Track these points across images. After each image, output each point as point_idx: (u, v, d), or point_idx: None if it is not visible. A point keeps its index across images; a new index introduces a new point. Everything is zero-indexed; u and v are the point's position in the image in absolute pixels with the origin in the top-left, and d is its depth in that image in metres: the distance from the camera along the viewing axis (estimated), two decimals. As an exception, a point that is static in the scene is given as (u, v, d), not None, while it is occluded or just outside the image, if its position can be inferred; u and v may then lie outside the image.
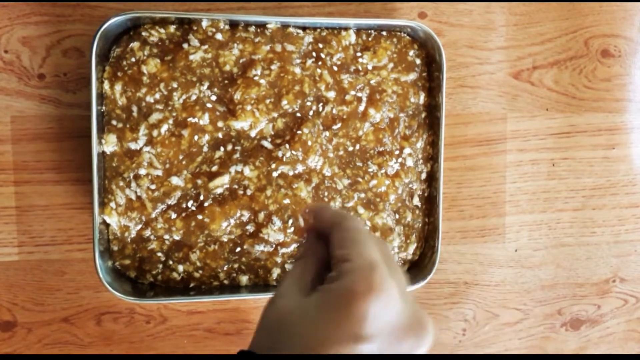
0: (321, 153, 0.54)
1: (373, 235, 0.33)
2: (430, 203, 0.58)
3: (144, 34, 0.52)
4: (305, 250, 0.35)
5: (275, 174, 0.53)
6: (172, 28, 0.52)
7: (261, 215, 0.53)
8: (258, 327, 0.31)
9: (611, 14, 0.63)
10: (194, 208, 0.53)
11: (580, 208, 0.65)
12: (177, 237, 0.53)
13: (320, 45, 0.54)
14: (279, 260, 0.54)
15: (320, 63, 0.54)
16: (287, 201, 0.53)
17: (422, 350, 0.29)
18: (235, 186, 0.53)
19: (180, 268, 0.54)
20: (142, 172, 0.52)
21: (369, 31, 0.56)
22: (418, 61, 0.57)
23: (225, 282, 0.55)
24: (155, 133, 0.51)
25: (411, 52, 0.57)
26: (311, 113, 0.54)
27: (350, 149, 0.56)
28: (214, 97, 0.53)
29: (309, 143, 0.53)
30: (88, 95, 0.49)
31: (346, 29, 0.55)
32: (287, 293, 0.31)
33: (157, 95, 0.52)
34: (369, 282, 0.28)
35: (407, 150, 0.57)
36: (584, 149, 0.64)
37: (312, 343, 0.28)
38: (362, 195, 0.56)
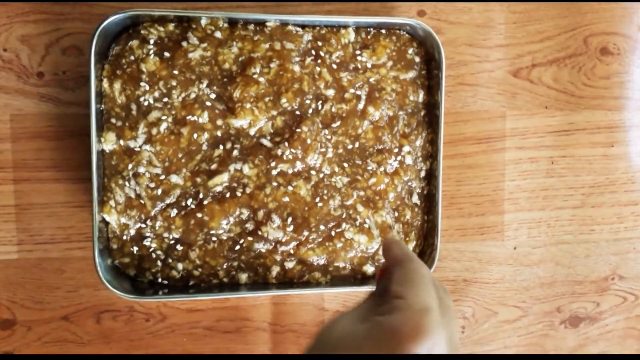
0: (320, 151, 0.54)
1: (434, 280, 0.35)
2: (429, 201, 0.58)
3: (143, 32, 0.51)
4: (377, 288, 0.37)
5: (274, 172, 0.53)
6: (171, 26, 0.52)
7: (260, 214, 0.53)
8: (313, 342, 0.32)
9: (610, 11, 0.63)
10: (193, 206, 0.53)
11: (579, 206, 0.65)
12: (176, 235, 0.53)
13: (320, 44, 0.54)
14: (278, 258, 0.54)
15: (319, 61, 0.54)
16: (286, 199, 0.53)
17: None
18: (235, 184, 0.53)
19: (180, 266, 0.54)
20: (142, 170, 0.52)
21: (368, 29, 0.56)
22: (417, 59, 0.57)
23: (225, 280, 0.55)
24: (154, 131, 0.51)
25: (410, 50, 0.57)
26: (310, 111, 0.54)
27: (350, 147, 0.56)
28: (213, 95, 0.53)
29: (308, 141, 0.53)
30: (87, 94, 0.49)
31: (345, 27, 0.55)
32: (347, 317, 0.33)
33: (156, 94, 0.51)
34: (418, 325, 0.29)
35: (406, 148, 0.57)
36: (583, 146, 0.64)
37: None
38: (362, 193, 0.56)
